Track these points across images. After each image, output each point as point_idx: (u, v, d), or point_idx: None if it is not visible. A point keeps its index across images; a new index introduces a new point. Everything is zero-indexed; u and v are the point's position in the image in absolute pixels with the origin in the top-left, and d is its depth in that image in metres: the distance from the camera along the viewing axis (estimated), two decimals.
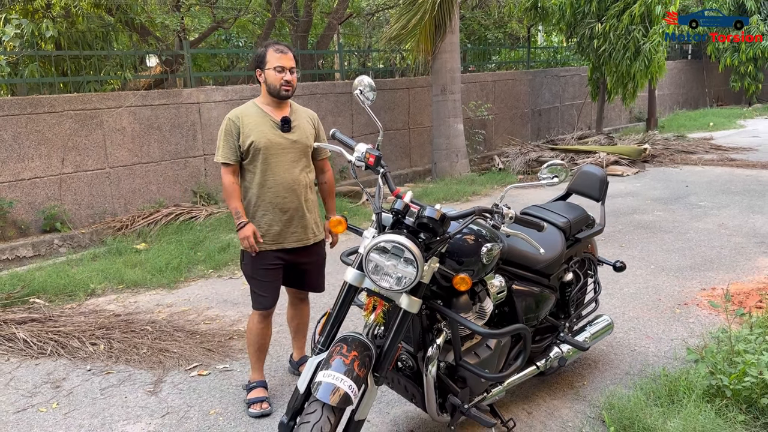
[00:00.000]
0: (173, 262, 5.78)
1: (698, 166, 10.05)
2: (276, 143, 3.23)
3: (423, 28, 8.70)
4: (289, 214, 3.29)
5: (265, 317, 3.43)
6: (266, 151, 3.21)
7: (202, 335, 4.33)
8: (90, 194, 7.05)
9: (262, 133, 3.21)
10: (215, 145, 8.16)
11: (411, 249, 2.28)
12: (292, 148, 3.27)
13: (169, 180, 7.74)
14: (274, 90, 3.22)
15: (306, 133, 3.33)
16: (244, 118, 3.23)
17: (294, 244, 3.33)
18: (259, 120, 3.24)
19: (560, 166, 2.45)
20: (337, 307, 2.50)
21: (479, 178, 9.34)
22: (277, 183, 3.24)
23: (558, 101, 14.11)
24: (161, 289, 5.37)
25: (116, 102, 7.18)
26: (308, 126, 3.37)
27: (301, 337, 3.78)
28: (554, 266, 3.13)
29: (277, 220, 3.27)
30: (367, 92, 2.69)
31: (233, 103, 8.23)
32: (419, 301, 2.42)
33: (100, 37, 7.82)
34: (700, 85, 19.28)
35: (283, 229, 3.29)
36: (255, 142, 3.19)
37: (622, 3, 11.11)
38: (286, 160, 3.26)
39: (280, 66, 3.18)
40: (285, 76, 3.19)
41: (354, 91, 2.71)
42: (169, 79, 8.61)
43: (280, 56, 3.19)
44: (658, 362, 3.70)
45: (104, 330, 4.36)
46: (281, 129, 3.25)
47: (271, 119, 3.26)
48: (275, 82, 3.19)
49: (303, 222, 3.34)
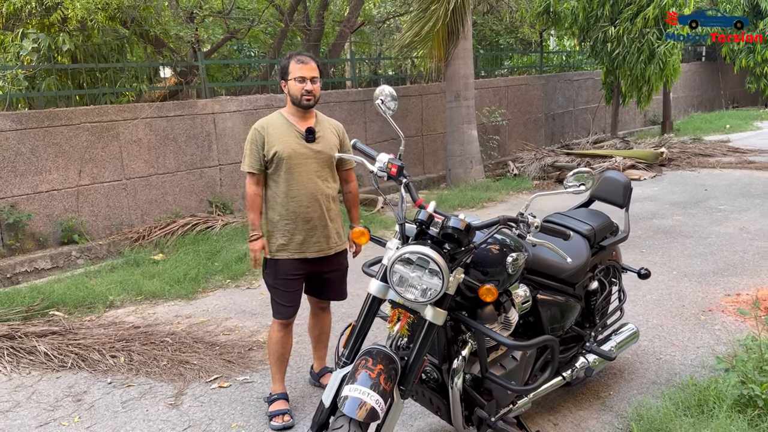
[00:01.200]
0: (191, 272, 5.78)
1: (716, 170, 9.95)
2: (300, 153, 3.25)
3: (436, 35, 8.68)
4: (312, 224, 3.29)
5: (285, 326, 3.43)
6: (290, 161, 3.23)
7: (221, 346, 4.32)
8: (107, 206, 7.08)
9: (286, 143, 3.23)
10: (230, 155, 8.27)
11: (436, 260, 2.24)
12: (316, 159, 3.29)
13: (185, 190, 7.76)
14: (295, 100, 3.25)
15: (330, 143, 3.35)
16: (270, 128, 3.27)
17: (316, 254, 3.33)
18: (284, 130, 3.27)
19: (586, 174, 2.41)
20: (361, 319, 2.47)
21: (494, 184, 9.29)
22: (301, 193, 3.25)
23: (572, 105, 14.04)
24: (180, 300, 5.36)
25: (132, 114, 7.22)
26: (333, 137, 3.39)
27: (322, 348, 3.75)
28: (579, 275, 3.08)
29: (300, 230, 3.28)
30: (389, 102, 2.67)
31: (247, 113, 8.25)
32: (444, 313, 2.39)
33: (115, 50, 7.88)
34: (715, 87, 19.11)
35: (305, 239, 3.29)
36: (279, 151, 3.22)
37: (636, 6, 11.04)
38: (309, 170, 3.27)
39: (300, 76, 3.21)
40: (306, 86, 3.22)
41: (375, 100, 2.68)
42: (184, 90, 8.65)
43: (301, 66, 3.23)
44: (685, 371, 3.63)
45: (124, 342, 4.36)
46: (306, 139, 3.27)
47: (295, 129, 3.28)
48: (296, 92, 3.23)
49: (325, 232, 3.34)
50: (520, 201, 8.56)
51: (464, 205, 8.24)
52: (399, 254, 2.30)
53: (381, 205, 8.27)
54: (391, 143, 9.74)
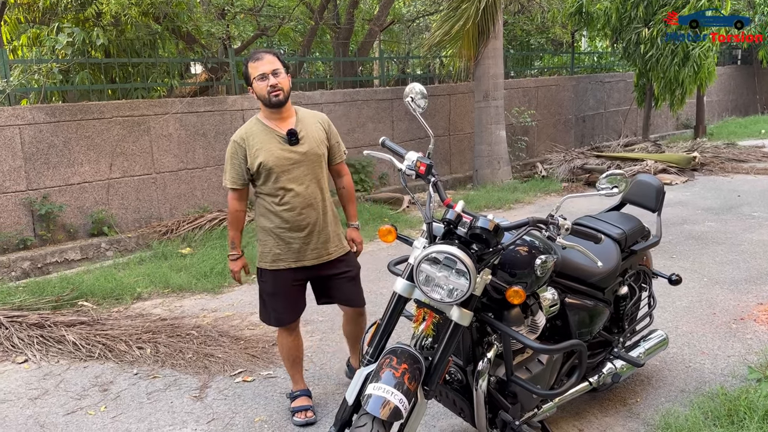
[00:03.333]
0: (217, 267, 5.82)
1: (750, 175, 9.73)
2: (286, 159, 3.08)
3: (466, 34, 8.63)
4: (308, 230, 3.15)
5: (291, 330, 3.33)
6: (277, 170, 3.07)
7: (246, 341, 4.34)
8: (137, 199, 7.17)
9: (269, 152, 3.06)
10: None
11: (464, 260, 2.22)
12: (304, 161, 3.12)
13: (213, 186, 7.82)
14: (264, 100, 3.05)
15: (317, 140, 3.18)
16: (250, 139, 3.09)
17: (314, 261, 3.20)
18: (264, 137, 3.09)
19: (620, 176, 2.36)
20: (386, 317, 2.46)
21: (522, 186, 9.21)
22: (294, 200, 3.10)
23: (602, 107, 13.86)
24: (206, 293, 5.41)
25: (163, 108, 7.30)
26: (318, 132, 3.20)
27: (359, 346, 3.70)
28: (609, 279, 3.03)
29: (296, 238, 3.14)
30: (419, 100, 2.64)
31: None
32: (470, 314, 2.36)
33: (147, 45, 7.96)
34: (751, 92, 18.72)
35: (302, 247, 3.16)
36: (264, 162, 3.04)
37: (671, 8, 10.85)
38: (299, 174, 3.10)
39: (260, 74, 3.02)
40: (269, 81, 3.01)
41: (405, 98, 2.66)
42: (214, 86, 8.71)
43: (257, 64, 3.03)
44: (714, 380, 3.56)
45: (151, 334, 4.40)
46: (289, 143, 3.09)
47: (276, 134, 3.10)
48: (262, 91, 3.03)
49: (323, 237, 3.20)
50: (547, 203, 8.47)
51: (491, 206, 8.17)
52: (426, 253, 2.28)
53: (407, 204, 8.25)
54: (417, 143, 9.72)
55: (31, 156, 6.38)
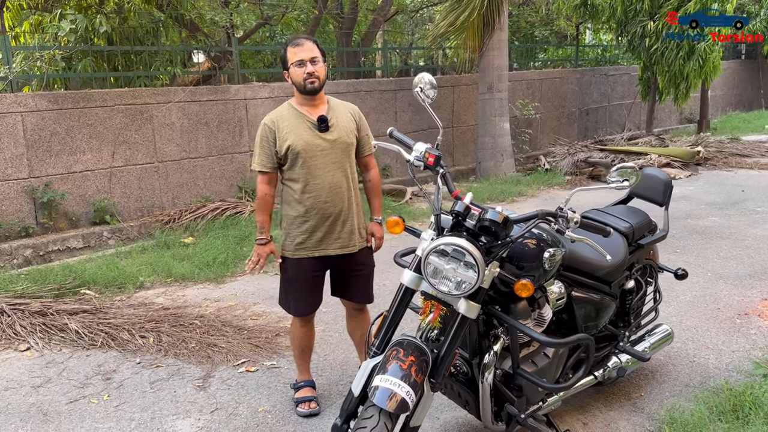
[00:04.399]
0: (220, 257, 5.81)
1: (754, 170, 9.71)
2: (314, 145, 3.06)
3: (471, 25, 8.58)
4: (332, 219, 3.12)
5: (306, 321, 3.32)
6: (305, 154, 3.04)
7: (249, 331, 4.33)
8: (139, 188, 7.15)
9: (299, 136, 3.04)
10: None
11: (472, 252, 2.20)
12: (332, 149, 3.09)
13: (216, 175, 7.80)
14: (300, 86, 3.04)
15: (346, 130, 3.15)
16: (280, 122, 3.07)
17: (338, 251, 3.16)
18: (294, 122, 3.07)
19: (630, 170, 2.34)
20: (393, 309, 2.45)
21: (525, 179, 9.19)
22: (319, 187, 3.08)
23: (606, 101, 13.81)
24: (208, 283, 5.40)
25: (166, 97, 7.27)
26: (348, 122, 3.18)
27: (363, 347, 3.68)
28: (616, 273, 3.01)
29: (320, 227, 3.11)
30: (428, 90, 2.62)
31: (279, 100, 8.24)
32: (478, 307, 2.35)
33: (150, 33, 7.92)
34: (755, 87, 18.64)
35: (326, 235, 3.13)
36: (292, 145, 3.03)
37: (676, 1, 10.78)
38: (326, 162, 3.08)
39: (298, 60, 3.00)
40: (306, 68, 3.00)
41: (414, 89, 2.64)
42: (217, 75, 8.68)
43: (297, 50, 3.02)
44: (719, 375, 3.55)
45: (153, 323, 4.40)
46: (318, 129, 3.07)
47: (307, 119, 3.08)
48: (299, 77, 3.02)
49: (347, 227, 3.16)
50: (551, 196, 8.45)
51: (494, 198, 8.15)
52: (434, 245, 2.26)
53: (410, 195, 8.23)
54: (420, 134, 9.68)
55: (33, 143, 6.35)
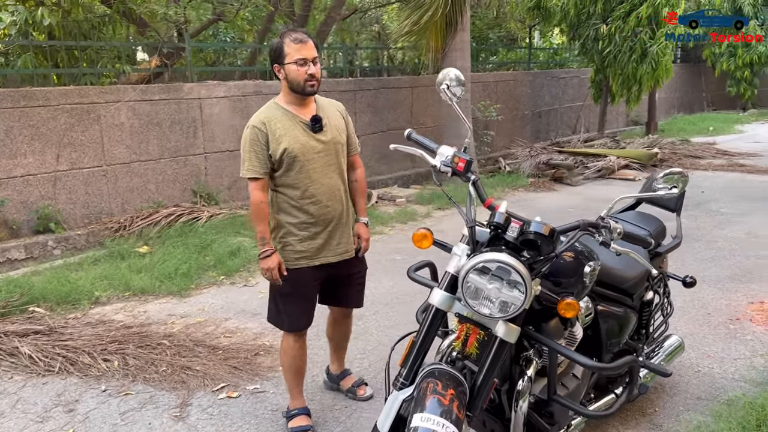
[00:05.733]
0: (182, 267, 5.40)
1: (709, 171, 9.88)
2: (310, 147, 2.87)
3: (434, 25, 8.38)
4: (333, 224, 2.95)
5: (300, 336, 3.08)
6: (302, 157, 2.84)
7: (225, 350, 3.98)
8: (86, 193, 6.64)
9: (294, 138, 2.83)
10: (216, 143, 7.87)
11: (519, 270, 1.97)
12: (326, 151, 2.92)
13: (169, 179, 7.35)
14: (297, 86, 2.82)
15: (338, 129, 2.99)
16: (271, 124, 2.83)
17: (338, 257, 2.99)
18: (288, 123, 2.85)
19: (678, 175, 2.16)
20: (423, 334, 2.18)
21: (488, 181, 9.06)
22: (319, 192, 2.89)
23: (557, 103, 13.90)
24: (171, 297, 4.99)
25: (115, 96, 6.78)
26: (338, 121, 3.02)
27: (342, 351, 3.47)
28: (639, 284, 2.84)
29: (320, 233, 2.93)
30: (455, 87, 2.37)
31: (235, 99, 7.87)
32: (518, 329, 2.11)
33: (96, 28, 7.40)
34: (696, 90, 19.22)
35: (326, 242, 2.95)
36: (288, 149, 2.81)
37: (628, 4, 10.91)
38: (322, 164, 2.91)
39: (301, 59, 2.77)
40: (308, 69, 2.79)
41: (439, 86, 2.39)
42: (169, 72, 8.20)
43: (300, 47, 2.78)
44: (727, 386, 3.43)
45: (117, 344, 3.99)
46: (312, 130, 2.88)
47: (300, 120, 2.88)
48: (298, 77, 2.79)
49: (346, 231, 3.02)
50: (517, 199, 8.35)
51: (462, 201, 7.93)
52: (475, 262, 2.01)
53: (375, 199, 7.96)
54: (381, 136, 9.42)
55: None
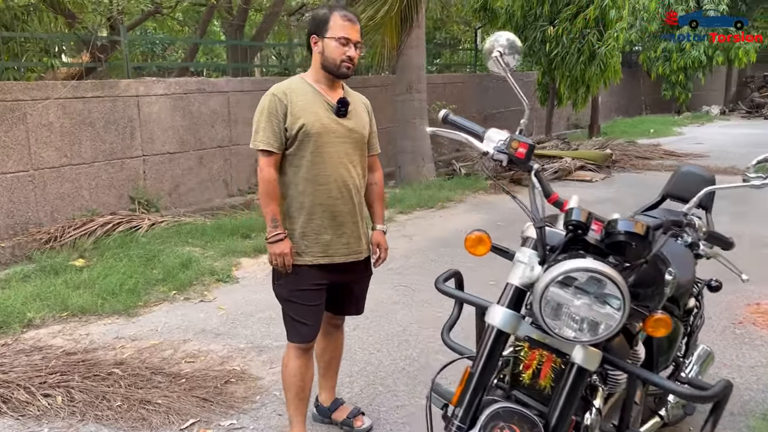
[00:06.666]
0: (127, 282, 4.78)
1: (660, 172, 9.90)
2: (331, 129, 2.60)
3: (390, 21, 8.01)
4: (341, 220, 2.66)
5: (305, 351, 2.72)
6: (319, 139, 2.57)
7: (188, 379, 3.43)
8: (10, 201, 5.88)
9: (315, 115, 2.57)
10: (156, 145, 7.22)
11: (617, 281, 1.57)
12: (348, 138, 2.66)
13: (104, 184, 6.67)
14: (332, 65, 2.57)
15: (362, 121, 2.74)
16: (293, 96, 2.57)
17: (345, 257, 2.69)
18: (310, 99, 2.59)
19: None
20: (481, 363, 1.74)
21: (447, 183, 8.74)
22: (330, 179, 2.61)
23: (503, 106, 13.82)
24: (117, 316, 4.38)
25: (42, 93, 6.06)
26: (363, 113, 2.77)
27: (332, 374, 3.03)
28: (688, 291, 2.51)
29: (327, 226, 2.63)
30: (509, 56, 1.96)
31: (177, 97, 7.27)
32: (599, 354, 1.72)
33: (20, 19, 6.65)
34: (634, 93, 19.61)
35: (333, 238, 2.65)
36: (307, 125, 2.54)
37: (575, 6, 10.87)
38: (340, 151, 2.63)
39: (345, 37, 2.55)
40: (349, 51, 2.57)
41: (489, 55, 1.97)
42: (103, 68, 7.49)
43: (349, 26, 2.56)
44: (754, 397, 3.17)
45: (58, 375, 3.37)
46: (336, 113, 2.62)
47: (324, 99, 2.62)
48: (336, 56, 2.56)
49: (356, 231, 2.72)
50: (478, 201, 8.06)
51: (422, 205, 7.61)
52: (560, 272, 1.59)
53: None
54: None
55: None
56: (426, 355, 3.71)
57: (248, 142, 2.71)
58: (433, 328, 4.11)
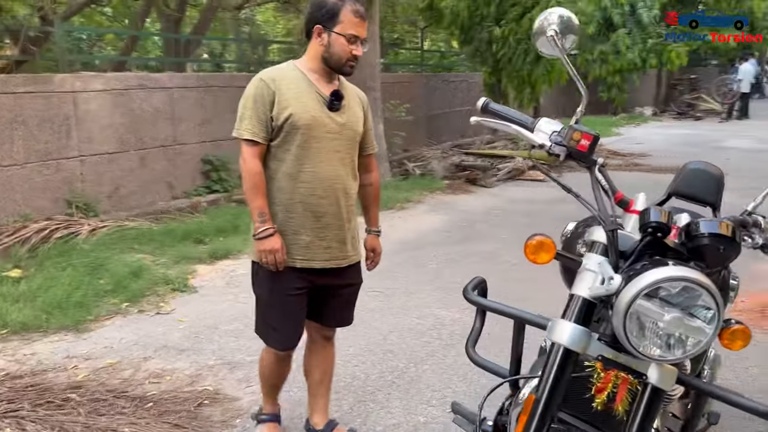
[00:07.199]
0: (74, 294, 4.34)
1: (609, 171, 10.00)
2: (321, 123, 2.41)
3: None
4: (324, 222, 2.47)
5: (284, 358, 2.64)
6: (307, 132, 2.39)
7: (156, 402, 3.08)
8: None
9: (304, 106, 2.38)
10: (94, 144, 6.71)
11: (713, 291, 1.39)
12: (340, 134, 2.47)
13: (38, 187, 6.14)
14: (336, 62, 2.40)
15: (356, 116, 2.54)
16: (282, 83, 2.38)
17: (325, 263, 2.50)
18: (302, 88, 2.40)
19: None
20: (547, 387, 1.52)
21: (403, 184, 8.54)
22: (315, 177, 2.43)
23: (448, 107, 13.79)
24: (65, 333, 3.95)
25: None
26: (357, 108, 2.57)
27: (324, 392, 2.77)
28: None
29: (308, 228, 2.45)
30: (564, 35, 1.75)
31: (117, 93, 6.79)
32: (675, 372, 1.53)
33: None
34: (572, 95, 19.97)
35: (313, 241, 2.46)
36: (294, 116, 2.36)
37: (521, 7, 10.91)
38: (329, 147, 2.45)
39: (354, 35, 2.37)
40: (356, 49, 2.39)
41: (540, 35, 1.75)
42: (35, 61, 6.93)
43: (359, 22, 2.38)
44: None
45: (5, 403, 2.96)
46: (329, 106, 2.42)
47: (316, 91, 2.43)
48: (342, 52, 2.38)
49: (340, 235, 2.52)
50: (438, 202, 7.90)
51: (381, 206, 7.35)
52: (650, 283, 1.38)
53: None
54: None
55: None
56: (414, 366, 3.49)
57: (193, 141, 2.45)
58: (414, 336, 3.91)
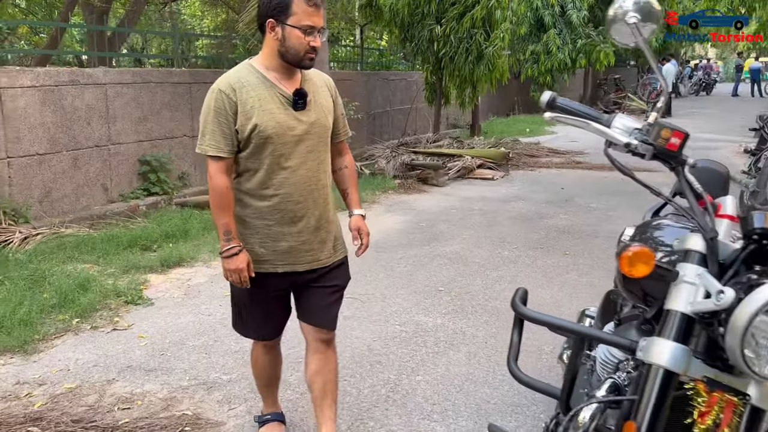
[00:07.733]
0: (18, 311, 3.90)
1: (552, 169, 10.14)
2: (289, 127, 2.29)
3: None
4: (303, 226, 2.37)
5: (271, 347, 2.65)
6: (276, 140, 2.27)
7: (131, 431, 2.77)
8: None
9: (269, 114, 2.25)
10: (23, 144, 6.16)
11: None
12: (309, 134, 2.34)
13: None
14: (294, 57, 2.23)
15: (325, 110, 2.41)
16: (243, 91, 2.24)
17: (306, 265, 2.42)
18: (264, 94, 2.25)
19: None
20: (648, 414, 1.36)
21: None
22: (290, 183, 2.32)
23: (389, 105, 13.67)
24: (11, 355, 3.54)
25: None
26: (326, 99, 2.43)
27: (330, 404, 2.53)
28: None
29: (287, 234, 2.36)
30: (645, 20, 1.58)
31: (47, 90, 6.28)
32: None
33: None
34: (505, 94, 20.22)
35: (293, 246, 2.38)
36: (260, 126, 2.24)
37: (461, 6, 10.90)
38: (301, 150, 2.33)
39: (310, 25, 2.19)
40: (314, 40, 2.22)
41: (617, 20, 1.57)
42: None
43: (314, 11, 2.20)
44: None
45: None
46: (293, 107, 2.29)
47: (278, 92, 2.28)
48: (299, 46, 2.20)
49: (320, 236, 2.42)
50: (393, 202, 7.72)
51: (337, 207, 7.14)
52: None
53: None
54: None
55: None
56: (407, 377, 3.31)
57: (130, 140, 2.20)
58: (399, 345, 3.73)
